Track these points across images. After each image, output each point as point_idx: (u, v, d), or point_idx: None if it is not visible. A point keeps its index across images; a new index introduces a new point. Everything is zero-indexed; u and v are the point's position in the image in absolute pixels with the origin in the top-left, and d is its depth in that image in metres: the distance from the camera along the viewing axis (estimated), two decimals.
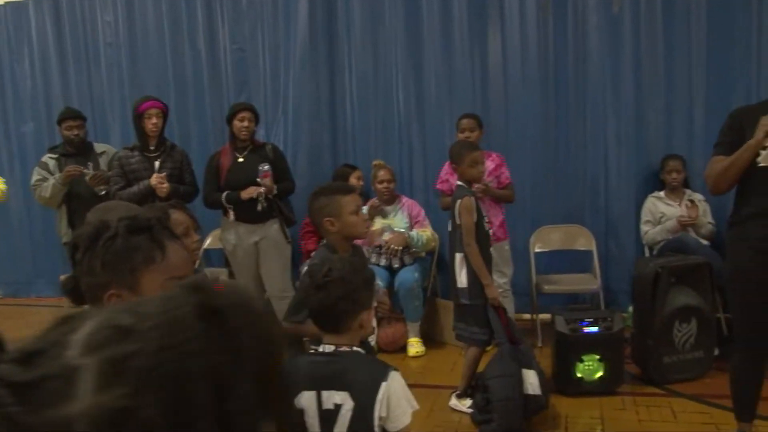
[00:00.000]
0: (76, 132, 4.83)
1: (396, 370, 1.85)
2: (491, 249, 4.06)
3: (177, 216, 2.28)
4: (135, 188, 4.43)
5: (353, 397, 1.79)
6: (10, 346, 0.55)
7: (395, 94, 5.33)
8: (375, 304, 2.00)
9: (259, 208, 4.45)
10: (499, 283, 4.41)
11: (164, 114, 4.57)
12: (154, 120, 4.47)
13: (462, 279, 3.55)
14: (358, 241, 4.52)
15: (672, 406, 3.64)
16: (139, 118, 4.49)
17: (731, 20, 4.80)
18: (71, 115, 4.90)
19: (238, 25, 5.66)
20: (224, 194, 4.49)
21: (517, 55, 5.07)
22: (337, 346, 1.86)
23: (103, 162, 4.88)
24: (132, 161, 4.52)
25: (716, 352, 4.02)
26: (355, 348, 1.88)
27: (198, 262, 2.51)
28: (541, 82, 5.04)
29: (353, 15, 5.36)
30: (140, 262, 1.22)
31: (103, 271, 1.21)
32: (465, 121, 4.49)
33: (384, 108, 5.37)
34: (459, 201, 3.53)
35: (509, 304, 4.44)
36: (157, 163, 4.52)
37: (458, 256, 3.57)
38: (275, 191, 4.47)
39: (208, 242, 5.35)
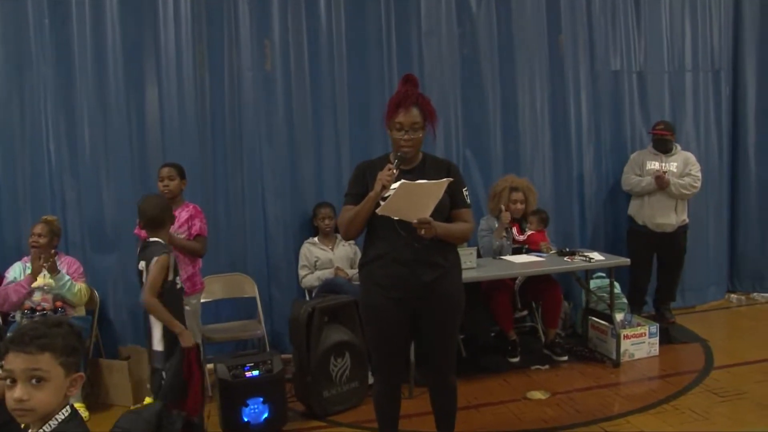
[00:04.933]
0: None
1: None
2: None
3: None
4: None
5: None
6: None
7: (45, 144, 4.95)
8: None
9: None
10: None
11: None
12: None
13: (156, 341, 3.45)
14: None
15: None
16: None
17: (368, 83, 5.43)
18: None
19: None
20: None
21: (174, 109, 5.03)
22: None
23: None
24: None
25: (371, 380, 4.39)
26: None
27: None
28: (199, 137, 5.08)
29: None
30: None
31: None
32: (165, 170, 4.34)
33: (33, 161, 4.95)
34: (156, 258, 3.42)
35: None
36: None
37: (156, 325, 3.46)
38: None
39: None
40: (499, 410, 4.19)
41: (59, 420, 1.67)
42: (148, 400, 4.41)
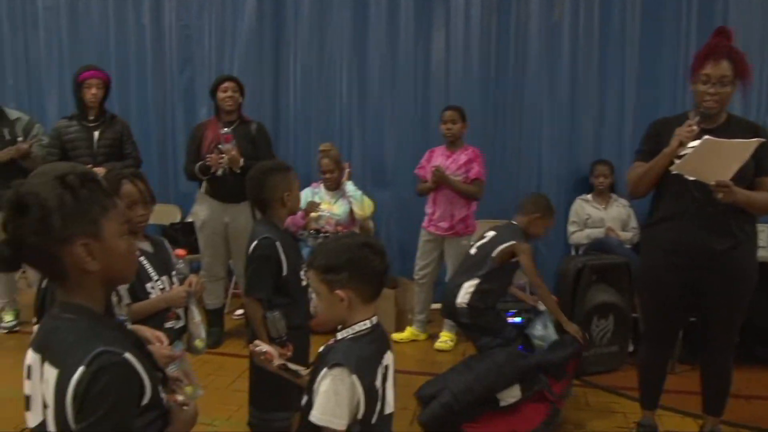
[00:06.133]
0: None
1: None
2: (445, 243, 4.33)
3: (126, 188, 2.36)
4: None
5: None
6: None
7: (338, 83, 5.39)
8: None
9: (220, 172, 4.27)
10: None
11: (105, 85, 4.47)
12: (93, 90, 4.38)
13: (462, 294, 3.42)
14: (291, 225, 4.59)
15: (587, 396, 3.84)
16: (78, 87, 4.40)
17: (661, 39, 5.06)
18: None
19: (184, 1, 5.61)
20: (198, 164, 4.34)
21: (459, 53, 5.19)
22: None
23: (18, 128, 4.61)
24: (71, 131, 4.41)
25: (630, 347, 4.23)
26: None
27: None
28: (481, 82, 5.18)
29: (301, 2, 5.39)
30: (98, 212, 1.29)
31: (64, 226, 1.24)
32: (448, 113, 4.51)
33: (326, 97, 5.42)
34: (516, 242, 3.44)
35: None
36: (96, 134, 4.42)
37: (469, 283, 3.43)
38: (241, 163, 4.21)
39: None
40: None
41: (354, 330, 1.76)
42: (409, 329, 4.71)
